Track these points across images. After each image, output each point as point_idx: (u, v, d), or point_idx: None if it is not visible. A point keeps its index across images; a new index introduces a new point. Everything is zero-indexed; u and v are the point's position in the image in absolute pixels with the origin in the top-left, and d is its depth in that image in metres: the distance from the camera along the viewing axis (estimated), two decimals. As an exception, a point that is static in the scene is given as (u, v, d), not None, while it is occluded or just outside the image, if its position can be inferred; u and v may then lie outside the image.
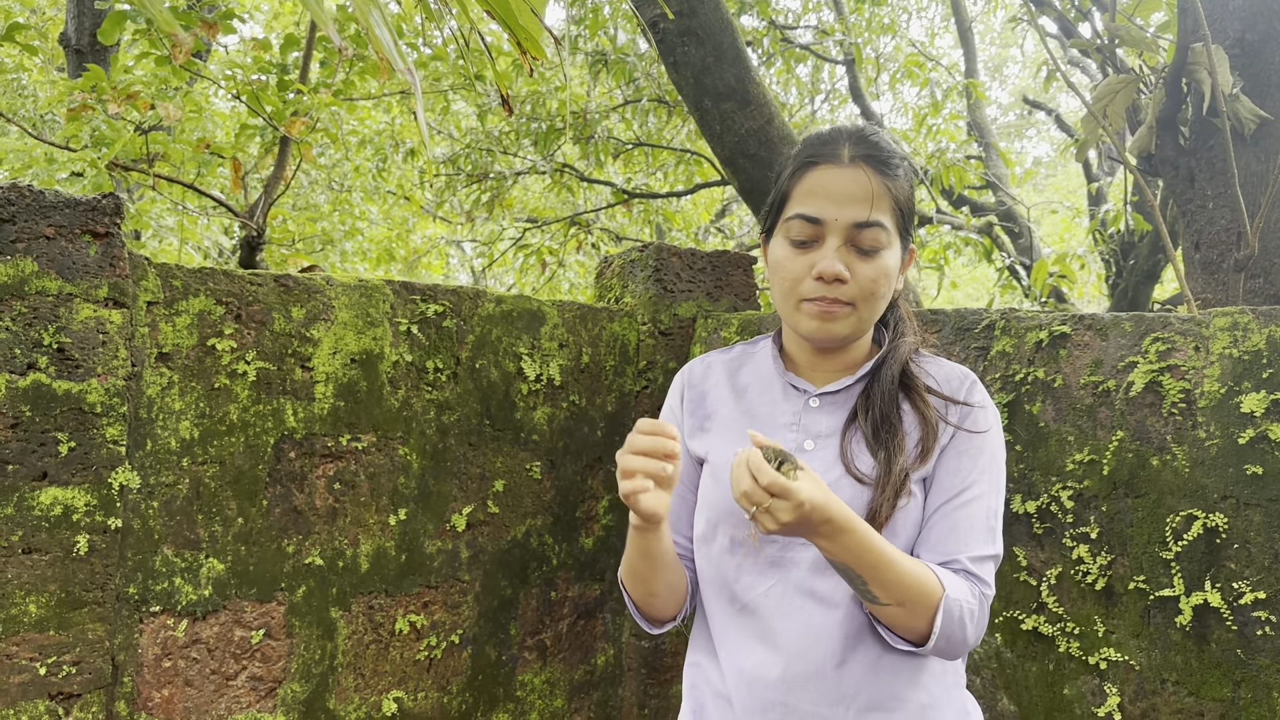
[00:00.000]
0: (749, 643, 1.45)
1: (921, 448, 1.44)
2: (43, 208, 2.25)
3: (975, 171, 7.34)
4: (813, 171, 1.44)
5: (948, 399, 1.48)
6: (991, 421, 1.49)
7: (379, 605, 2.77)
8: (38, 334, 2.23)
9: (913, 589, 1.29)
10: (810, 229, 1.42)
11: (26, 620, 2.21)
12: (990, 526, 1.44)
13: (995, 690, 2.46)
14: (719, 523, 1.51)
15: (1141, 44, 3.36)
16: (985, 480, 1.45)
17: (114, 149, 3.95)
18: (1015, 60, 20.76)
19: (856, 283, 1.41)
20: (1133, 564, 2.21)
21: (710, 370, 1.64)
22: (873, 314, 1.46)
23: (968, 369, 1.55)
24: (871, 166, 1.42)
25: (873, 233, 1.41)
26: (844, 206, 1.40)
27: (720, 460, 1.53)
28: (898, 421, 1.45)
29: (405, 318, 2.81)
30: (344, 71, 4.83)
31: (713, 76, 3.94)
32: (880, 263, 1.42)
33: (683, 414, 1.63)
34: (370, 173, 8.20)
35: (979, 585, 1.39)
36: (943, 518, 1.42)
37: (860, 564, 1.27)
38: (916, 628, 1.33)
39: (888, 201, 1.42)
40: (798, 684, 1.40)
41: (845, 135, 1.46)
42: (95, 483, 2.30)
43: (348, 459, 2.71)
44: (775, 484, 1.19)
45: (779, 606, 1.43)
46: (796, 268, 1.43)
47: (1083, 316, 2.37)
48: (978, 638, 1.37)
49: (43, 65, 7.91)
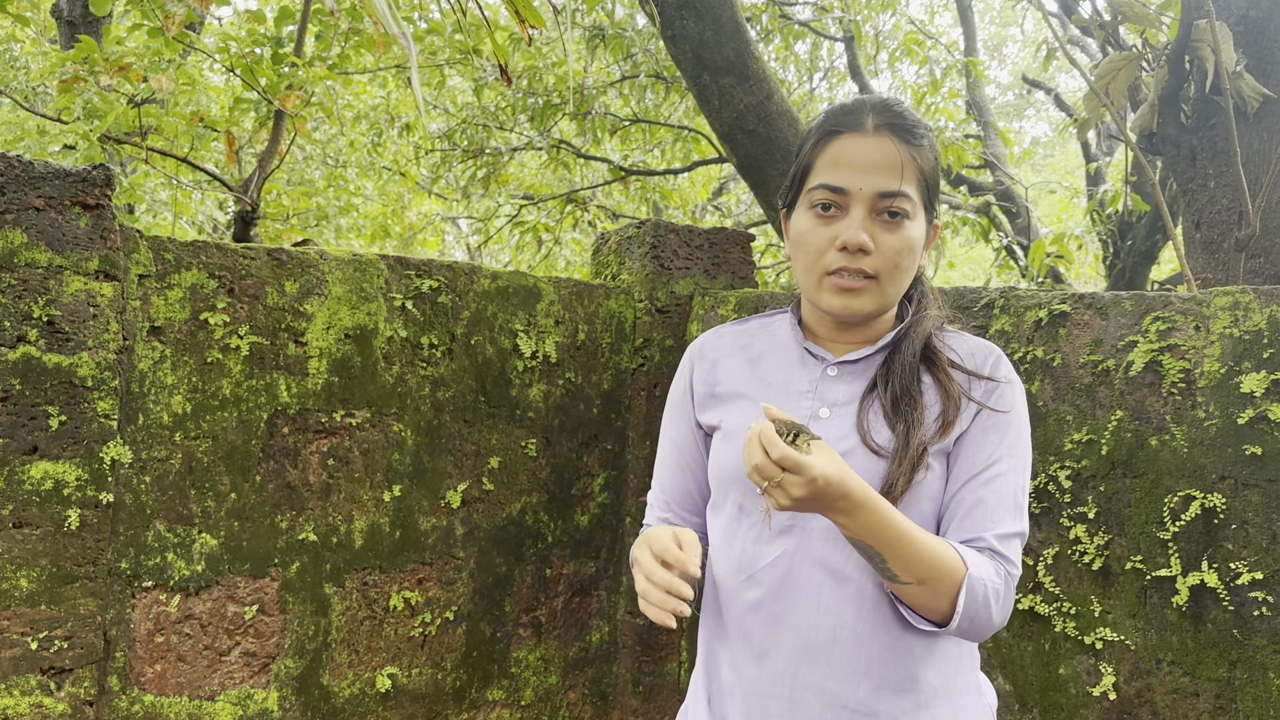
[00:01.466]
0: (758, 615, 1.42)
1: (942, 421, 1.40)
2: (32, 178, 2.22)
3: (973, 151, 7.31)
4: (837, 141, 1.40)
5: (972, 373, 1.44)
6: (1018, 397, 1.45)
7: (373, 581, 2.76)
8: (27, 306, 2.20)
9: (934, 567, 1.27)
10: (834, 198, 1.39)
11: (17, 595, 2.19)
12: (1018, 503, 1.40)
13: (990, 669, 2.46)
14: (729, 490, 1.48)
15: (1144, 21, 3.33)
16: (1012, 456, 1.41)
17: (106, 122, 3.90)
18: (1015, 39, 20.67)
19: (880, 254, 1.37)
20: (1130, 544, 2.20)
21: (722, 340, 1.61)
22: (897, 288, 1.42)
23: (993, 344, 1.51)
24: (897, 135, 1.39)
25: (898, 202, 1.37)
26: (869, 175, 1.37)
27: (733, 427, 1.49)
28: (918, 394, 1.41)
29: (400, 293, 2.79)
30: (339, 45, 4.78)
31: (711, 51, 3.91)
32: (905, 234, 1.39)
33: (693, 385, 1.60)
34: (365, 148, 8.15)
35: (1005, 564, 1.35)
36: (969, 494, 1.39)
37: (879, 541, 1.25)
38: (939, 607, 1.30)
39: (913, 171, 1.39)
40: (808, 658, 1.37)
41: (870, 105, 1.42)
42: (86, 457, 2.28)
43: (342, 435, 2.69)
44: (787, 458, 1.17)
45: (787, 577, 1.40)
46: (820, 239, 1.40)
47: (1082, 295, 2.36)
48: (1004, 619, 1.34)
49: (35, 37, 7.83)
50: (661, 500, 1.66)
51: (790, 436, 1.21)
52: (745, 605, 1.43)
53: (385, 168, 9.07)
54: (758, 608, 1.42)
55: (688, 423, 1.60)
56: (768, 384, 1.51)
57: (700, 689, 1.53)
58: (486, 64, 7.16)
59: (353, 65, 5.21)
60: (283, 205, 6.62)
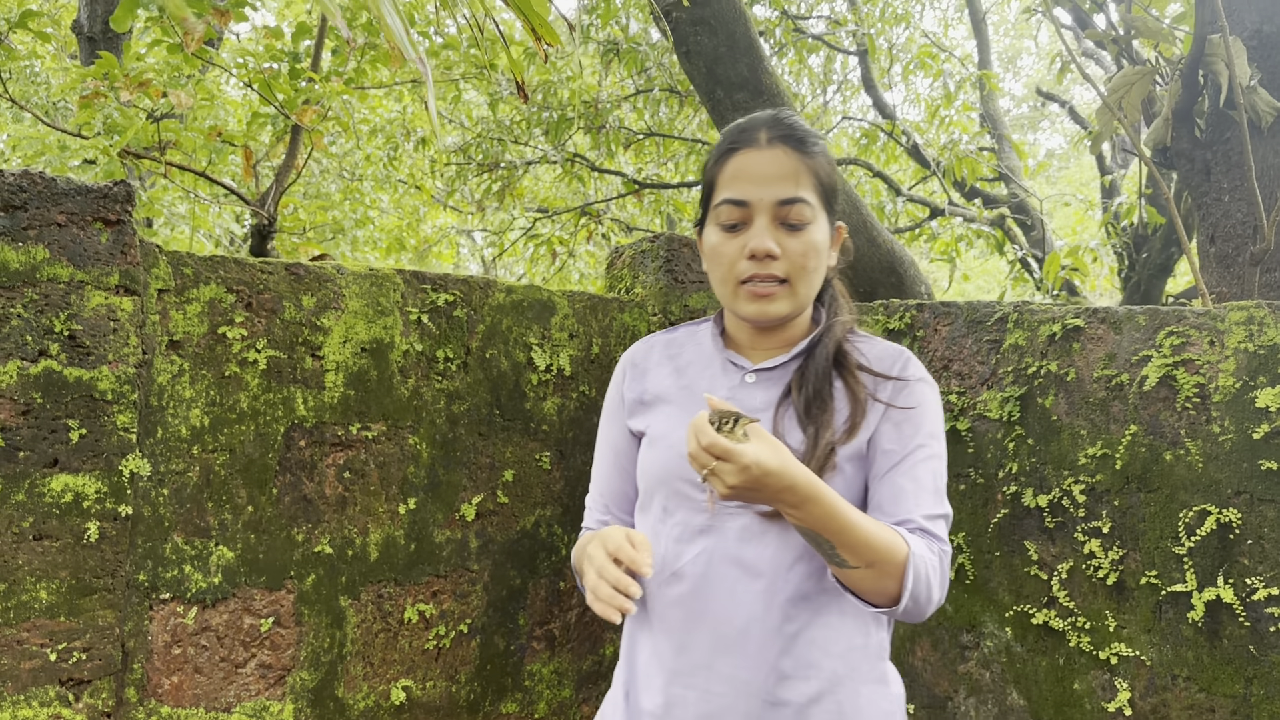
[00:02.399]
0: (677, 609, 1.48)
1: (850, 424, 1.47)
2: (54, 195, 2.25)
3: (988, 163, 7.30)
4: (734, 157, 1.49)
5: (880, 375, 1.52)
6: (928, 394, 1.53)
7: (388, 594, 2.77)
8: (49, 321, 2.23)
9: (880, 551, 1.32)
10: (738, 213, 1.47)
11: (37, 606, 2.21)
12: (938, 488, 1.48)
13: (1004, 684, 2.45)
14: (654, 491, 1.55)
15: (1157, 35, 3.34)
16: (928, 446, 1.48)
17: (126, 136, 3.95)
18: (1029, 52, 20.66)
19: (787, 258, 1.45)
20: (1145, 559, 2.20)
21: (652, 350, 1.69)
22: (808, 289, 1.50)
23: (903, 347, 1.59)
24: (789, 146, 1.47)
25: (798, 209, 1.45)
26: (767, 186, 1.45)
27: (658, 432, 1.57)
28: (829, 398, 1.49)
29: (416, 307, 2.81)
30: (355, 60, 4.82)
31: (725, 66, 3.92)
32: (808, 237, 1.46)
33: (624, 393, 1.68)
34: (381, 161, 8.19)
35: (937, 542, 1.43)
36: (890, 482, 1.46)
37: (828, 530, 1.30)
38: (886, 589, 1.35)
39: (808, 178, 1.47)
40: (722, 649, 1.44)
41: (762, 121, 1.51)
42: (106, 470, 2.30)
43: (358, 448, 2.71)
44: (715, 445, 1.22)
45: (705, 574, 1.46)
46: (730, 251, 1.48)
47: (1096, 310, 2.36)
48: (943, 596, 1.41)
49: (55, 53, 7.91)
50: (600, 503, 1.72)
51: (730, 424, 1.25)
52: (667, 600, 1.49)
53: (401, 181, 9.12)
54: (678, 603, 1.48)
55: (622, 428, 1.67)
56: (691, 392, 1.59)
57: (620, 682, 1.60)
58: (502, 78, 7.20)
59: (369, 80, 5.25)
60: (299, 219, 6.66)
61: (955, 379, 2.63)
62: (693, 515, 1.49)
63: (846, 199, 4.11)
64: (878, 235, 4.20)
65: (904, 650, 2.71)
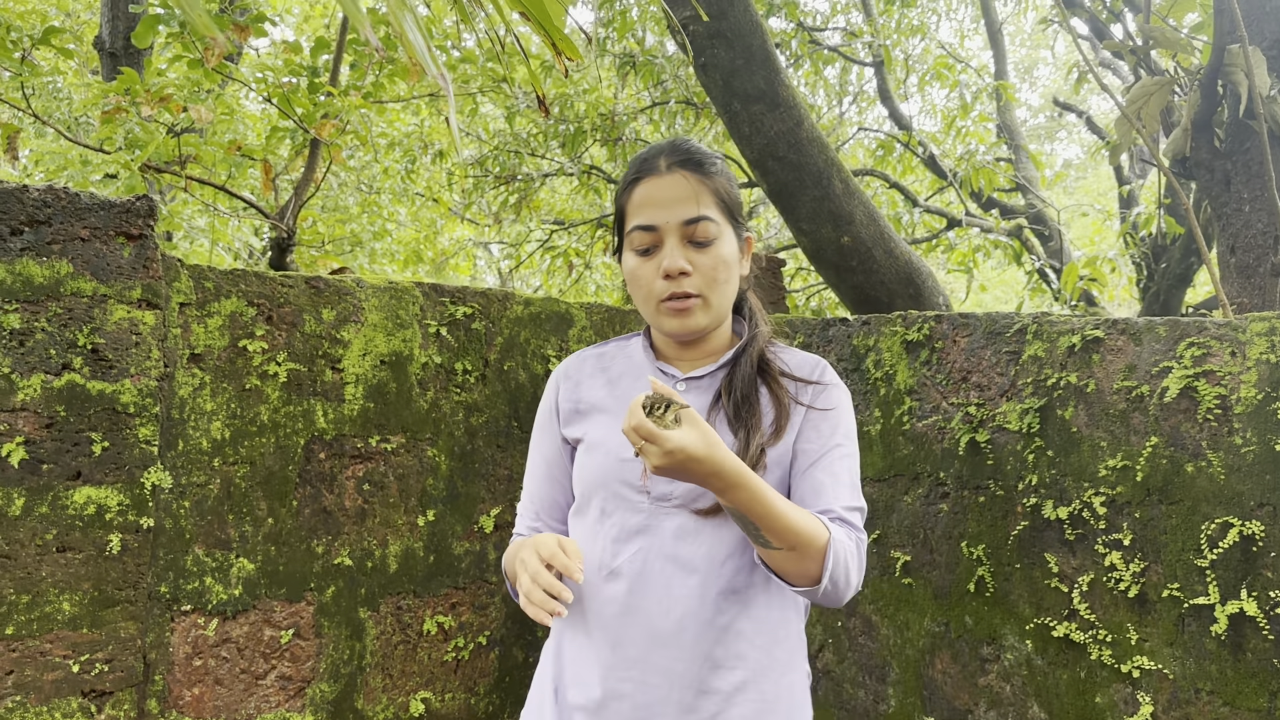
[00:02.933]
0: (614, 605, 1.57)
1: (775, 426, 1.59)
2: (78, 210, 2.27)
3: (1005, 174, 7.28)
4: (639, 186, 1.60)
5: (800, 380, 1.64)
6: (843, 398, 1.66)
7: (407, 606, 2.78)
8: (72, 334, 2.25)
9: (802, 535, 1.41)
10: (649, 237, 1.58)
11: (60, 618, 2.23)
12: (854, 483, 1.60)
13: (1025, 698, 2.44)
14: (592, 496, 1.64)
15: (1176, 45, 3.33)
16: (843, 445, 1.61)
17: (147, 151, 3.98)
18: (1046, 62, 20.60)
19: (699, 273, 1.57)
20: (1166, 571, 2.18)
21: (584, 363, 1.79)
22: (721, 300, 1.61)
23: (819, 356, 1.73)
24: (688, 169, 1.59)
25: (703, 226, 1.56)
26: (672, 208, 1.57)
27: (594, 439, 1.66)
28: (756, 402, 1.60)
29: (434, 319, 2.82)
30: (374, 74, 4.84)
31: (742, 79, 3.93)
32: (716, 251, 1.58)
33: (558, 404, 1.77)
34: (399, 174, 8.23)
35: (855, 531, 1.54)
36: (810, 478, 1.57)
37: (753, 514, 1.39)
38: (808, 571, 1.45)
39: (709, 197, 1.58)
40: (658, 643, 1.54)
41: (661, 149, 1.63)
42: (128, 482, 2.32)
43: (377, 460, 2.72)
44: (641, 427, 1.32)
45: (642, 571, 1.56)
46: (646, 273, 1.59)
47: (1116, 321, 2.35)
48: (860, 581, 1.51)
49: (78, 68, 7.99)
50: (531, 511, 1.80)
51: (662, 409, 1.34)
52: (604, 598, 1.58)
53: (418, 194, 9.16)
54: (615, 600, 1.57)
55: (554, 439, 1.76)
56: (624, 401, 1.68)
57: (547, 680, 1.67)
58: (519, 91, 7.23)
59: (387, 93, 5.28)
60: (318, 232, 6.69)
61: (974, 390, 2.63)
62: (630, 516, 1.58)
63: (864, 211, 4.11)
64: (895, 246, 4.19)
65: (923, 663, 2.70)
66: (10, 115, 5.43)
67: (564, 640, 1.67)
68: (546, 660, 1.71)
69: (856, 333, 2.98)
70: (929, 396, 2.75)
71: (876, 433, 2.88)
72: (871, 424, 2.90)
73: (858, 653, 2.89)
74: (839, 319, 3.05)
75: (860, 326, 2.98)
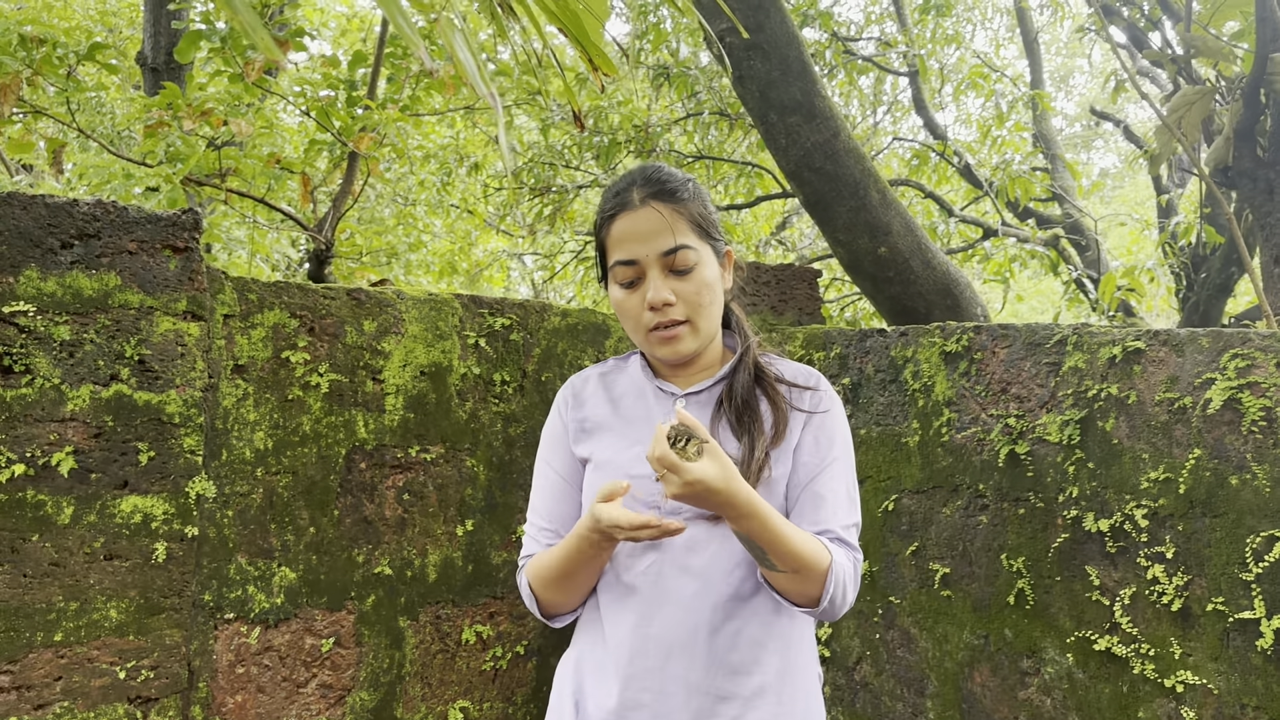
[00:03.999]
0: (631, 617, 1.63)
1: (775, 430, 1.65)
2: (126, 223, 2.31)
3: (1041, 183, 7.24)
4: (615, 222, 1.66)
5: (796, 385, 1.71)
6: (835, 403, 1.72)
7: (446, 615, 2.80)
8: (120, 346, 2.29)
9: (806, 560, 1.48)
10: (631, 271, 1.64)
11: (107, 625, 2.26)
12: (851, 497, 1.66)
13: (1067, 712, 2.42)
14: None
15: (1217, 54, 3.30)
16: (841, 458, 1.67)
17: (189, 164, 4.03)
18: (1082, 70, 20.45)
19: (683, 300, 1.63)
20: (1211, 585, 2.16)
21: (588, 382, 1.85)
22: (709, 323, 1.67)
23: (811, 367, 1.82)
24: (661, 200, 1.64)
25: (681, 255, 1.62)
26: (649, 242, 1.62)
27: (603, 459, 1.72)
28: (756, 408, 1.67)
29: (473, 331, 2.84)
30: (411, 88, 4.89)
31: (779, 90, 3.94)
32: (698, 276, 1.63)
33: (566, 423, 1.81)
34: (435, 186, 8.29)
35: (851, 551, 1.61)
36: (811, 492, 1.63)
37: (762, 540, 1.46)
38: (809, 592, 1.52)
39: (684, 224, 1.64)
40: (673, 651, 1.59)
41: (633, 180, 1.68)
42: (173, 491, 2.35)
43: (417, 470, 2.74)
44: (664, 459, 1.38)
45: (656, 583, 1.62)
46: (633, 305, 1.65)
47: (1157, 332, 2.33)
48: (854, 598, 1.58)
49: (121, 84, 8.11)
50: (550, 529, 1.80)
51: (683, 442, 1.40)
52: (620, 610, 1.65)
53: (453, 206, 9.23)
54: (631, 612, 1.64)
55: (567, 455, 1.80)
56: (628, 420, 1.75)
57: (568, 693, 1.71)
58: (553, 104, 7.28)
59: (423, 107, 5.33)
60: (355, 244, 6.75)
61: (1014, 402, 2.61)
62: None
63: (901, 221, 4.10)
64: (932, 257, 4.18)
65: (962, 676, 2.68)
66: (56, 129, 5.53)
67: (583, 651, 1.73)
68: (566, 671, 1.76)
69: (894, 344, 2.98)
70: (968, 408, 2.74)
71: (915, 444, 2.87)
72: (909, 435, 2.89)
73: (896, 665, 2.88)
74: (876, 330, 3.05)
75: (898, 337, 2.98)
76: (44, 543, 2.20)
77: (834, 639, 3.10)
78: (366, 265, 7.17)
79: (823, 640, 3.11)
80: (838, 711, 3.06)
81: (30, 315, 2.18)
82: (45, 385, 2.20)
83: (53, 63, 3.79)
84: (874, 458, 3.00)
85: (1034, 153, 7.86)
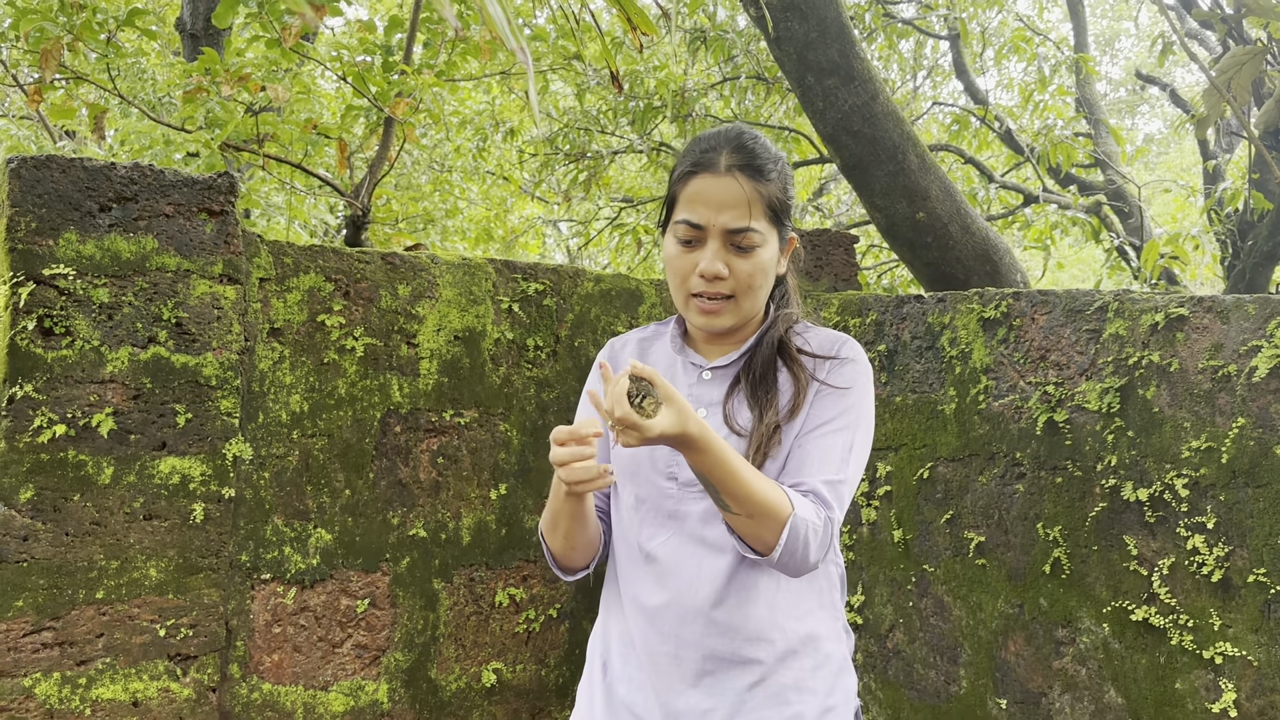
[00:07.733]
0: (650, 586, 1.65)
1: (793, 405, 1.63)
2: (163, 186, 2.32)
3: (1084, 149, 7.11)
4: (694, 180, 1.62)
5: (818, 356, 1.67)
6: (859, 375, 1.66)
7: (479, 578, 2.82)
8: (157, 309, 2.31)
9: (761, 504, 1.46)
10: (694, 232, 1.60)
11: (147, 584, 2.30)
12: (845, 458, 1.61)
13: (1102, 682, 2.40)
14: (626, 482, 1.71)
15: (1269, 14, 3.22)
16: (847, 417, 1.62)
17: (227, 130, 4.05)
18: (1128, 34, 20.04)
19: (735, 277, 1.60)
20: (1253, 556, 2.13)
21: (627, 346, 1.85)
22: (753, 304, 1.65)
23: (843, 333, 1.77)
24: (746, 174, 1.59)
25: (747, 237, 1.59)
26: (721, 213, 1.58)
27: None
28: (773, 382, 1.65)
29: (507, 296, 2.84)
30: (446, 53, 4.87)
31: (816, 52, 3.88)
32: (756, 259, 1.61)
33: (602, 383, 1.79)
34: (470, 153, 8.28)
35: (825, 509, 1.55)
36: (799, 446, 1.61)
37: (713, 476, 1.45)
38: (764, 539, 1.49)
39: (760, 205, 1.60)
40: (688, 618, 1.60)
41: (725, 141, 1.63)
42: (210, 453, 2.38)
43: (451, 434, 2.76)
44: (626, 419, 1.37)
45: (675, 552, 1.63)
46: (684, 265, 1.62)
47: (1201, 299, 2.29)
48: (820, 557, 1.54)
49: (160, 50, 8.15)
50: None
51: (639, 399, 1.39)
52: (641, 578, 1.67)
53: (489, 172, 9.22)
54: (650, 581, 1.65)
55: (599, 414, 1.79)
56: None
57: (597, 655, 1.77)
58: (589, 69, 7.23)
59: (459, 72, 5.31)
60: (392, 210, 6.77)
61: (1053, 369, 2.58)
62: (661, 502, 1.65)
63: (940, 186, 4.05)
64: (971, 223, 4.12)
65: (996, 645, 2.66)
66: (97, 95, 5.57)
67: (610, 618, 1.76)
68: (596, 636, 1.80)
69: (931, 310, 2.94)
70: (1006, 375, 2.71)
71: (951, 411, 2.85)
72: (946, 403, 2.86)
73: (929, 633, 2.87)
74: (913, 296, 3.01)
75: (935, 304, 2.94)
76: (85, 502, 2.23)
77: (866, 606, 3.09)
78: (403, 231, 7.19)
79: (855, 607, 3.11)
80: (870, 679, 3.06)
81: (70, 278, 2.21)
82: (85, 347, 2.23)
83: (93, 28, 3.80)
84: (909, 425, 2.98)
85: (1077, 118, 7.72)
